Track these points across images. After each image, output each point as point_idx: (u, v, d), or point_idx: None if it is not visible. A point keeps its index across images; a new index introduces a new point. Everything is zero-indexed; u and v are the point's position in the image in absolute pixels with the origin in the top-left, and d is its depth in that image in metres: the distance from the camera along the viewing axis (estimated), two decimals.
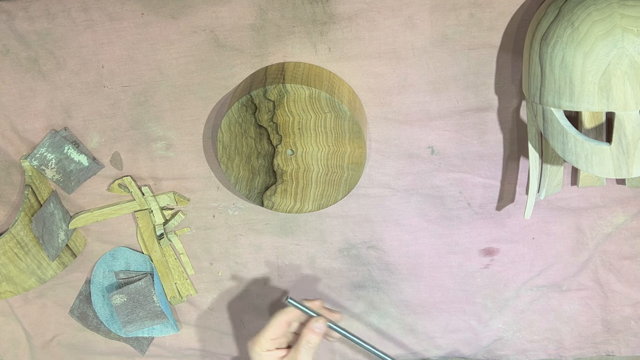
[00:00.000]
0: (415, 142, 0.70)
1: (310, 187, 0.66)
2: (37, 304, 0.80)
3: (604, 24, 0.53)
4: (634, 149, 0.54)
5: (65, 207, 0.75)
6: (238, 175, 0.66)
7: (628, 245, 0.74)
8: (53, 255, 0.72)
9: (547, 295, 0.77)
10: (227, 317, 0.81)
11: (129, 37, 0.66)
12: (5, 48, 0.67)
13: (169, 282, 0.78)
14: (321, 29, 0.64)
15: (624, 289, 0.76)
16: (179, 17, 0.65)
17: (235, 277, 0.79)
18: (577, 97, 0.55)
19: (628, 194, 0.71)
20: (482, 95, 0.67)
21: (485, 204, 0.73)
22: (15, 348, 0.83)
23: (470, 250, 0.76)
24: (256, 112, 0.62)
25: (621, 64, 0.52)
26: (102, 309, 0.79)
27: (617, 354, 0.79)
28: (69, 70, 0.68)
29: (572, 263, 0.75)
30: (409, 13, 0.63)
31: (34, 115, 0.70)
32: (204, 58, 0.67)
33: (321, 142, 0.64)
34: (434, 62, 0.66)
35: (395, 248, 0.76)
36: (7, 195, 0.74)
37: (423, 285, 0.78)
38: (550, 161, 0.67)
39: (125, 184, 0.73)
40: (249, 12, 0.64)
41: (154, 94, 0.69)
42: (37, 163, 0.71)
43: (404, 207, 0.74)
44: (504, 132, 0.69)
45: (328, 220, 0.75)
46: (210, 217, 0.75)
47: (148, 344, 0.83)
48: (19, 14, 0.65)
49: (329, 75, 0.65)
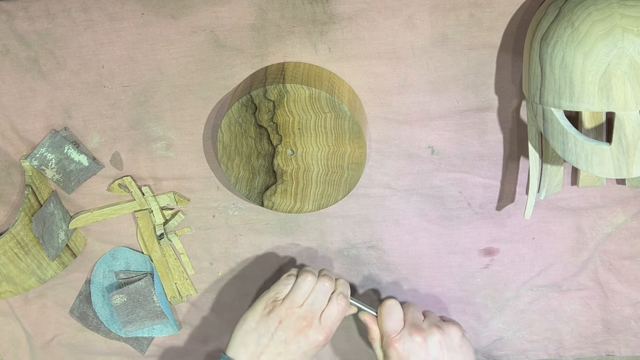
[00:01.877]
0: (415, 142, 0.70)
1: (310, 187, 0.66)
2: (37, 304, 0.80)
3: (604, 24, 0.53)
4: (634, 149, 0.54)
5: (65, 207, 0.75)
6: (238, 175, 0.66)
7: (628, 245, 0.74)
8: (53, 255, 0.72)
9: (547, 295, 0.77)
10: (227, 317, 0.81)
11: (129, 37, 0.66)
12: (5, 48, 0.67)
13: (169, 282, 0.78)
14: (321, 29, 0.65)
15: (624, 289, 0.76)
16: (179, 17, 0.65)
17: (235, 277, 0.79)
18: (577, 97, 0.55)
19: (628, 194, 0.71)
20: (482, 95, 0.67)
21: (485, 204, 0.73)
22: (15, 348, 0.83)
23: (470, 250, 0.76)
24: (256, 112, 0.62)
25: (621, 64, 0.52)
26: (102, 309, 0.79)
27: (617, 354, 0.79)
28: (69, 70, 0.68)
29: (572, 263, 0.75)
30: (409, 13, 0.63)
31: (34, 115, 0.70)
32: (204, 58, 0.67)
33: (321, 142, 0.64)
34: (434, 62, 0.66)
35: (395, 248, 0.76)
36: (7, 195, 0.74)
37: (423, 285, 0.78)
38: (550, 161, 0.67)
39: (125, 184, 0.73)
40: (249, 12, 0.64)
41: (154, 94, 0.69)
42: (37, 163, 0.71)
43: (404, 207, 0.74)
44: (504, 132, 0.69)
45: (328, 220, 0.75)
46: (210, 217, 0.75)
47: (148, 344, 0.83)
48: (19, 14, 0.65)
49: (329, 75, 0.65)
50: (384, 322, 0.69)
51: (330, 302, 0.67)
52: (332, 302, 0.67)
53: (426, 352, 0.66)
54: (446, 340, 0.68)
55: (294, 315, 0.65)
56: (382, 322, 0.69)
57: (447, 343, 0.68)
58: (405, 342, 0.67)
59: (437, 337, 0.67)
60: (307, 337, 0.65)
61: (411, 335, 0.67)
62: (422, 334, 0.67)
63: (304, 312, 0.66)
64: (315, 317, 0.66)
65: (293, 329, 0.65)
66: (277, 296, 0.67)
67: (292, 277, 0.69)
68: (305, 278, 0.67)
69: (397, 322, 0.69)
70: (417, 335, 0.67)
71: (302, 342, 0.65)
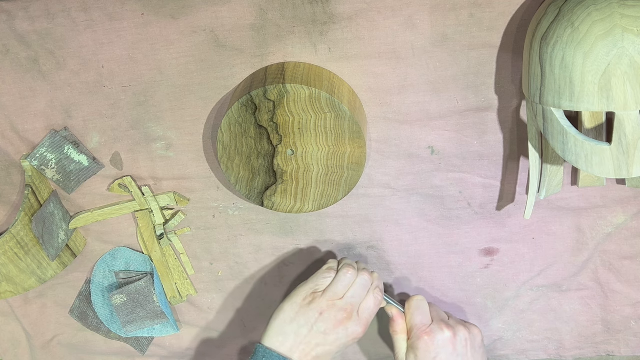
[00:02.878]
0: (415, 142, 0.70)
1: (310, 187, 0.66)
2: (37, 304, 0.80)
3: (604, 24, 0.53)
4: (634, 149, 0.54)
5: (65, 207, 0.75)
6: (238, 175, 0.66)
7: (628, 245, 0.74)
8: (53, 255, 0.72)
9: (547, 295, 0.77)
10: (227, 317, 0.81)
11: (129, 37, 0.66)
12: (5, 48, 0.67)
13: (169, 282, 0.78)
14: (321, 29, 0.65)
15: (624, 289, 0.76)
16: (179, 17, 0.65)
17: (235, 277, 0.79)
18: (577, 97, 0.55)
19: (628, 194, 0.71)
20: (482, 95, 0.67)
21: (485, 204, 0.73)
22: (15, 348, 0.83)
23: (470, 250, 0.76)
24: (256, 112, 0.62)
25: (621, 64, 0.52)
26: (102, 309, 0.79)
27: (617, 354, 0.79)
28: (69, 70, 0.68)
29: (572, 263, 0.75)
30: (409, 13, 0.63)
31: (34, 115, 0.70)
32: (204, 58, 0.67)
33: (321, 142, 0.64)
34: (434, 62, 0.66)
35: (395, 248, 0.76)
36: (7, 195, 0.74)
37: (423, 285, 0.78)
38: (550, 161, 0.67)
39: (126, 184, 0.73)
40: (249, 12, 0.64)
41: (154, 94, 0.69)
42: (37, 163, 0.71)
43: (404, 207, 0.74)
44: (504, 132, 0.69)
45: (328, 220, 0.75)
46: (210, 217, 0.75)
47: (148, 344, 0.83)
48: (19, 14, 0.65)
49: (329, 75, 0.65)
50: (413, 316, 0.71)
51: (367, 295, 0.68)
52: (369, 296, 0.68)
53: (454, 347, 0.68)
54: (471, 339, 0.70)
55: (334, 308, 0.66)
56: (412, 316, 0.71)
57: (472, 342, 0.70)
58: (436, 335, 0.68)
59: (464, 334, 0.70)
60: (346, 329, 0.66)
61: (442, 330, 0.69)
62: (451, 329, 0.69)
63: (345, 305, 0.66)
64: (354, 310, 0.67)
65: (333, 321, 0.65)
66: (317, 288, 0.68)
67: (332, 270, 0.69)
68: (347, 272, 0.68)
69: (426, 317, 0.71)
70: (448, 330, 0.69)
71: (341, 333, 0.66)
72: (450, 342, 0.68)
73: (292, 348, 0.65)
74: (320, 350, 0.65)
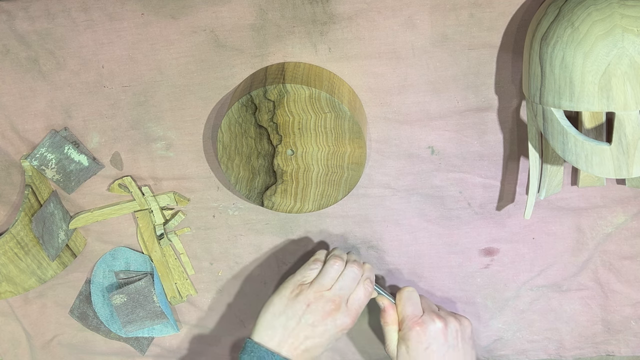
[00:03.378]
0: (415, 142, 0.70)
1: (310, 187, 0.66)
2: (37, 304, 0.80)
3: (604, 24, 0.53)
4: (634, 149, 0.54)
5: (65, 207, 0.75)
6: (238, 175, 0.66)
7: (628, 245, 0.74)
8: (53, 255, 0.72)
9: (547, 295, 0.77)
10: (227, 317, 0.81)
11: (129, 37, 0.66)
12: (5, 48, 0.67)
13: (169, 282, 0.78)
14: (321, 29, 0.65)
15: (624, 289, 0.76)
16: (179, 17, 0.65)
17: (235, 277, 0.79)
18: (577, 97, 0.55)
19: (628, 194, 0.71)
20: (482, 95, 0.67)
21: (485, 204, 0.73)
22: (15, 348, 0.83)
23: (470, 250, 0.76)
24: (256, 112, 0.62)
25: (621, 64, 0.52)
26: (102, 309, 0.79)
27: (617, 354, 0.79)
28: (69, 70, 0.68)
29: (572, 263, 0.75)
30: (409, 13, 0.63)
31: (34, 115, 0.70)
32: (204, 58, 0.67)
33: (321, 142, 0.64)
34: (434, 62, 0.66)
35: (395, 248, 0.76)
36: (7, 195, 0.74)
37: (423, 285, 0.78)
38: (550, 161, 0.67)
39: (125, 184, 0.73)
40: (249, 12, 0.64)
41: (154, 94, 0.69)
42: (37, 163, 0.71)
43: (404, 207, 0.74)
44: (504, 132, 0.69)
45: (328, 220, 0.75)
46: (210, 217, 0.75)
47: (148, 344, 0.83)
48: (19, 14, 0.65)
49: (329, 75, 0.65)
50: (404, 307, 0.71)
51: (357, 286, 0.68)
52: (359, 287, 0.68)
53: (445, 338, 0.68)
54: (462, 330, 0.70)
55: (322, 299, 0.66)
56: (403, 307, 0.71)
57: (462, 333, 0.70)
58: (428, 325, 0.69)
59: (455, 325, 0.70)
60: (334, 320, 0.66)
61: (433, 320, 0.69)
62: (443, 320, 0.69)
63: (333, 296, 0.66)
64: (343, 301, 0.67)
65: (321, 312, 0.65)
66: (304, 280, 0.68)
67: (319, 262, 0.69)
68: (333, 264, 0.68)
69: (417, 308, 0.71)
70: (439, 321, 0.69)
71: (329, 325, 0.65)
72: (442, 333, 0.68)
73: (281, 342, 0.65)
74: (309, 343, 0.65)
